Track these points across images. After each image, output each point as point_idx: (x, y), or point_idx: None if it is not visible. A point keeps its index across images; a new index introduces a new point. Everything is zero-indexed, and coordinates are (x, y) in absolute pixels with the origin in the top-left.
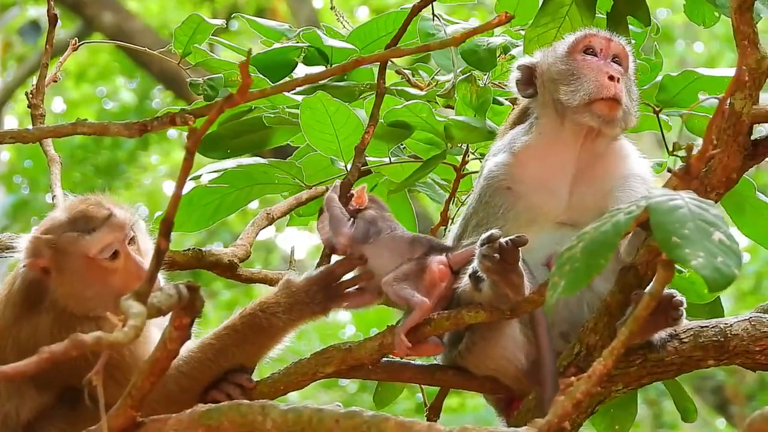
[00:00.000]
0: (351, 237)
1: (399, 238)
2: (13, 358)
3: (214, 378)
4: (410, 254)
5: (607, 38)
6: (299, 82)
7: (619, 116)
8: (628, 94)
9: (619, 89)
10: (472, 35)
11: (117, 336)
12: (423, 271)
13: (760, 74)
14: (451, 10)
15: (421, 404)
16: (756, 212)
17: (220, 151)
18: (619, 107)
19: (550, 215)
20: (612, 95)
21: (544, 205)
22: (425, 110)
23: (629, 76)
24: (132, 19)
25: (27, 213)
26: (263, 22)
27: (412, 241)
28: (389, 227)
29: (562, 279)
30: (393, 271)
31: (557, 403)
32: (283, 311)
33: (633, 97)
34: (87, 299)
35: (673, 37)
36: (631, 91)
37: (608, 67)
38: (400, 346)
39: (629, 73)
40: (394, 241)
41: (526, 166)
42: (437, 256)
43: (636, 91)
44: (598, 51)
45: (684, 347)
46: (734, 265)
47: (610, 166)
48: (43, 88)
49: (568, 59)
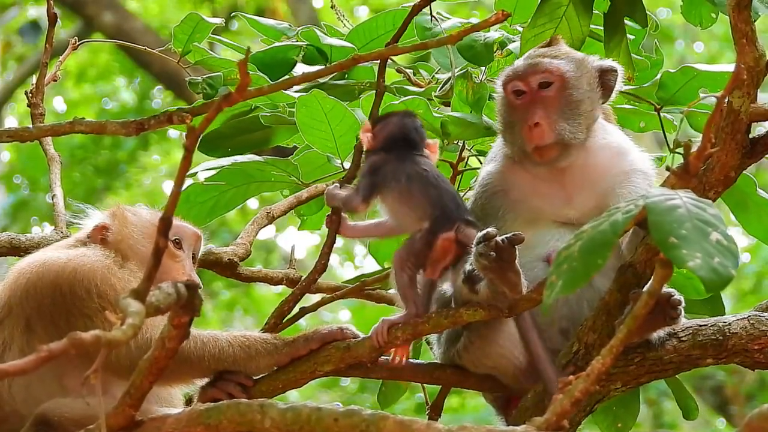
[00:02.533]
0: (362, 201)
1: (407, 195)
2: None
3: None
4: (419, 215)
5: (524, 75)
6: (297, 81)
7: (556, 154)
8: (566, 113)
9: (542, 133)
10: (468, 33)
11: (116, 334)
12: (429, 248)
13: (758, 72)
14: (451, 9)
15: (422, 404)
16: (759, 209)
17: (220, 149)
18: (549, 148)
19: (551, 217)
20: (535, 145)
21: (543, 207)
22: (422, 106)
23: (563, 87)
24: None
25: (27, 213)
26: (263, 20)
27: (422, 202)
28: (393, 170)
29: (559, 278)
30: (403, 246)
31: (556, 402)
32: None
33: (573, 106)
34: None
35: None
36: (568, 104)
37: (530, 113)
38: (378, 334)
39: (563, 81)
40: (401, 198)
41: (519, 171)
42: (444, 233)
43: (578, 92)
44: (524, 89)
45: (683, 346)
46: (731, 265)
47: (608, 164)
48: (42, 88)
49: (502, 105)
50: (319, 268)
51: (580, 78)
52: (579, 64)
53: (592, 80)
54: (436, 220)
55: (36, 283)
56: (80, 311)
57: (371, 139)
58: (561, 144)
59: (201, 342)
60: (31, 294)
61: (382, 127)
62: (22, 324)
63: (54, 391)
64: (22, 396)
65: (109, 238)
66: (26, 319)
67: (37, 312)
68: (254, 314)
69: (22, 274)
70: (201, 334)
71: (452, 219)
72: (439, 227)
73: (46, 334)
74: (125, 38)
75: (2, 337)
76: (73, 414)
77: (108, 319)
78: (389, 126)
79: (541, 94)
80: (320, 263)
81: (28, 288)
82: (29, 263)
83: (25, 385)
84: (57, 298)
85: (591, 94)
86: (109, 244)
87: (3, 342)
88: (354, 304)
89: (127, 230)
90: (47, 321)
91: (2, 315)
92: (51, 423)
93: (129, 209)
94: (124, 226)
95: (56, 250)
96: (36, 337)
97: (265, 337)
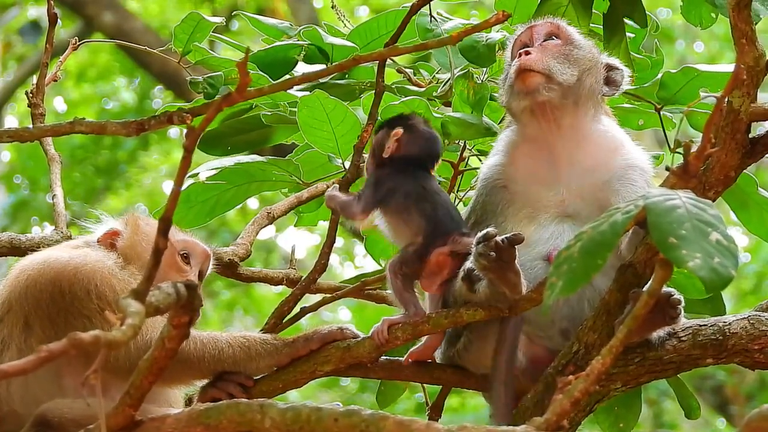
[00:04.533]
0: (361, 212)
1: (405, 213)
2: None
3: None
4: (414, 231)
5: (528, 27)
6: (297, 81)
7: (538, 82)
8: (560, 57)
9: (530, 58)
10: (469, 33)
11: (115, 335)
12: (421, 261)
13: (758, 72)
14: (451, 9)
15: (422, 404)
16: (759, 208)
17: (220, 148)
18: (534, 74)
19: (549, 209)
20: (519, 67)
21: (541, 199)
22: (422, 106)
23: (567, 42)
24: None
25: (27, 213)
26: (264, 20)
27: (417, 218)
28: (394, 187)
29: (560, 279)
30: (397, 256)
31: (556, 402)
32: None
33: (570, 58)
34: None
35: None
36: (567, 54)
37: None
38: (378, 333)
39: (569, 39)
40: (398, 215)
41: (518, 164)
42: (438, 247)
43: (581, 52)
44: (529, 42)
45: (682, 346)
46: (731, 265)
47: (603, 156)
48: (43, 88)
49: (509, 55)
50: (319, 268)
51: (586, 51)
52: (589, 43)
53: (597, 63)
54: (430, 235)
55: (37, 279)
56: (79, 311)
57: (395, 146)
58: (546, 75)
59: (201, 343)
60: (30, 291)
61: (410, 140)
62: (21, 322)
63: (52, 391)
64: (21, 396)
65: (119, 244)
66: (25, 317)
67: (36, 310)
68: (254, 314)
69: (24, 271)
70: (201, 335)
71: (446, 233)
72: (432, 242)
73: (44, 333)
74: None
75: (1, 335)
76: (73, 414)
77: (107, 320)
78: (416, 145)
79: (544, 43)
80: (320, 263)
81: (29, 285)
82: (31, 261)
83: (23, 385)
84: (56, 297)
85: (592, 68)
86: (117, 249)
87: (2, 340)
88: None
89: (137, 238)
90: (45, 319)
91: (2, 312)
92: (51, 424)
93: (143, 218)
94: (135, 234)
95: (60, 249)
96: (34, 335)
97: (265, 338)
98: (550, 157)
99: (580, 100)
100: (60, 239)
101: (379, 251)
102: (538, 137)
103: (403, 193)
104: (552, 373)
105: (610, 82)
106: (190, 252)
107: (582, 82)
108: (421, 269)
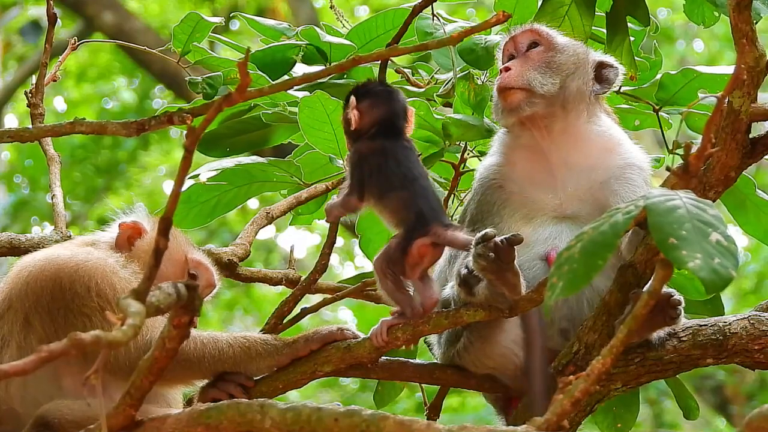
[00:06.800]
0: (357, 199)
1: (385, 202)
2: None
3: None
4: (396, 221)
5: (515, 36)
6: (297, 81)
7: (520, 99)
8: (541, 67)
9: (509, 75)
10: (469, 34)
11: (116, 335)
12: (404, 254)
13: (758, 72)
14: (451, 10)
15: (421, 403)
16: (757, 210)
17: (219, 149)
18: (514, 92)
19: (546, 209)
20: (498, 86)
21: (538, 199)
22: (423, 108)
23: (549, 48)
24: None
25: (27, 213)
26: (262, 20)
27: (399, 207)
28: (375, 168)
29: (560, 280)
30: (381, 253)
31: (556, 402)
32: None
33: (552, 65)
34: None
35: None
36: (548, 62)
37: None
38: (377, 335)
39: (551, 44)
40: (381, 204)
41: (515, 164)
42: (419, 238)
43: (563, 56)
44: (514, 52)
45: (683, 346)
46: (731, 266)
47: (600, 155)
48: (42, 88)
49: (499, 68)
50: (319, 268)
51: (569, 54)
52: (572, 44)
53: (583, 64)
54: (411, 225)
55: (37, 276)
56: (79, 309)
57: (358, 117)
58: (527, 90)
59: (201, 343)
60: (31, 287)
61: (370, 107)
62: (21, 319)
63: (52, 391)
64: (20, 395)
65: (137, 243)
66: (25, 314)
67: (36, 307)
68: (254, 314)
69: (25, 268)
70: (201, 335)
71: (427, 223)
72: (414, 232)
73: (44, 330)
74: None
75: (1, 333)
76: (73, 415)
77: (106, 319)
78: (377, 110)
79: (527, 53)
80: (320, 263)
81: (29, 281)
82: (33, 258)
83: (22, 385)
84: (56, 294)
85: (578, 71)
86: (133, 245)
87: (2, 337)
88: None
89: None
90: (45, 316)
91: (2, 309)
92: (51, 425)
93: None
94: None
95: (63, 247)
96: (34, 332)
97: (266, 338)
98: (546, 161)
99: (568, 105)
100: (60, 239)
101: (373, 250)
102: (531, 144)
103: (383, 180)
104: (552, 373)
105: (602, 80)
106: (200, 274)
107: (566, 87)
108: (405, 262)
